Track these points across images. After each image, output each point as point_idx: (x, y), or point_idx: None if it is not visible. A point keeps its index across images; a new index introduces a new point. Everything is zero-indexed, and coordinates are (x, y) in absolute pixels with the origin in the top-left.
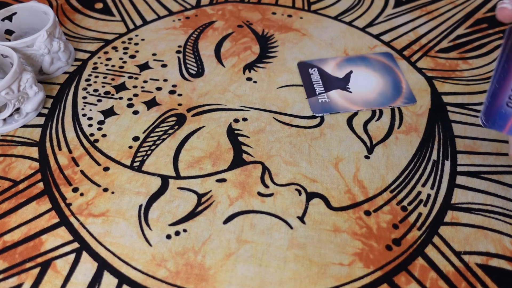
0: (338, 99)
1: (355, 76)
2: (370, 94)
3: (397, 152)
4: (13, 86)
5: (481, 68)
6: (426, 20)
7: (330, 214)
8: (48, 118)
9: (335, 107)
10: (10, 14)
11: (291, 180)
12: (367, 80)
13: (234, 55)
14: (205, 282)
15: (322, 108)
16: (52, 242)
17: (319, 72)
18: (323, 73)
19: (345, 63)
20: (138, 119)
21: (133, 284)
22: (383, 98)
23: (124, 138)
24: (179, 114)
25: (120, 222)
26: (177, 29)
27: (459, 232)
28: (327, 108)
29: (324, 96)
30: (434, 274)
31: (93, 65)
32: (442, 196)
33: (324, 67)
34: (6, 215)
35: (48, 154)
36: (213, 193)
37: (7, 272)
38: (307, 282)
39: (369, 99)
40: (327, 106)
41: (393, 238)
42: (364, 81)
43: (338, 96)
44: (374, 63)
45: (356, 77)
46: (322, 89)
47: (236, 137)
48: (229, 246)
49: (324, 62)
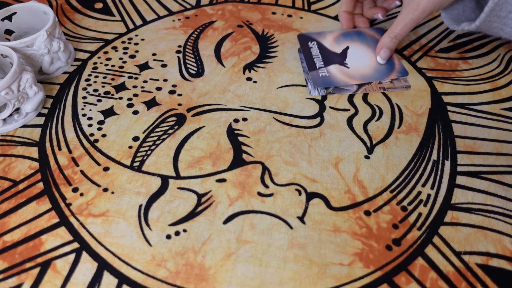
0: (337, 74)
1: (352, 51)
2: (366, 69)
3: (397, 152)
4: (13, 86)
5: (481, 68)
6: (426, 20)
7: (330, 214)
8: (48, 118)
9: (335, 81)
10: (10, 14)
11: (291, 180)
12: (363, 55)
13: (234, 55)
14: (205, 282)
15: (323, 82)
16: (52, 242)
17: (318, 46)
18: (322, 47)
19: (342, 38)
20: (138, 119)
21: (133, 284)
22: (378, 73)
23: (124, 138)
24: (179, 114)
25: (120, 222)
26: (177, 29)
27: (459, 232)
28: (327, 82)
29: (324, 71)
30: (434, 274)
31: (93, 65)
32: (442, 196)
33: (322, 41)
34: (6, 215)
35: (48, 154)
36: (213, 193)
37: (7, 272)
38: (307, 282)
39: (365, 74)
40: (328, 80)
41: (393, 238)
42: (360, 57)
43: (337, 71)
44: (368, 39)
45: (352, 53)
46: (322, 64)
47: (236, 137)
48: (229, 246)
49: (322, 36)
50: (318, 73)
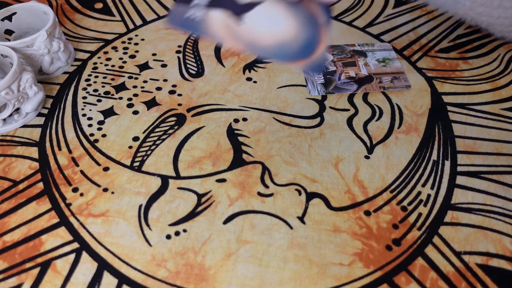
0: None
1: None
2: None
3: (397, 152)
4: (13, 86)
5: (481, 68)
6: (426, 20)
7: (330, 214)
8: (48, 118)
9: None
10: (10, 14)
11: (291, 180)
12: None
13: (234, 55)
14: (205, 282)
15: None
16: (52, 242)
17: None
18: None
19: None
20: (138, 119)
21: (133, 284)
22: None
23: (124, 138)
24: (179, 114)
25: (120, 222)
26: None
27: (459, 232)
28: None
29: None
30: (434, 274)
31: (93, 65)
32: (442, 196)
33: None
34: (6, 215)
35: (48, 154)
36: (213, 193)
37: (7, 272)
38: (307, 282)
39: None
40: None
41: (393, 238)
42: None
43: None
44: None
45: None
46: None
47: (236, 137)
48: (229, 246)
49: None
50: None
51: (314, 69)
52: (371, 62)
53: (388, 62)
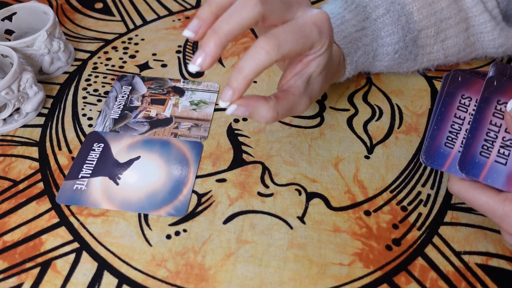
0: (97, 191)
1: (142, 163)
2: (137, 193)
3: (397, 152)
4: (13, 86)
5: (481, 68)
6: None
7: (330, 214)
8: (48, 118)
9: (86, 200)
10: (10, 14)
11: (291, 180)
12: (150, 172)
13: (234, 55)
14: (205, 282)
15: (69, 198)
16: (52, 242)
17: (102, 150)
18: (106, 152)
19: (140, 144)
20: None
21: (133, 284)
22: (148, 202)
23: None
24: None
25: (120, 222)
26: (177, 29)
27: (459, 232)
28: (75, 199)
29: (84, 182)
30: (434, 274)
31: (93, 65)
32: (442, 196)
33: (113, 144)
34: (6, 215)
35: (48, 154)
36: (213, 193)
37: (7, 272)
38: (307, 282)
39: (130, 200)
40: (78, 196)
41: (393, 238)
42: (145, 173)
43: (99, 187)
44: (173, 152)
45: (142, 165)
46: (89, 173)
47: (236, 137)
48: (229, 246)
49: (119, 138)
50: (74, 183)
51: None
52: (183, 103)
53: (201, 106)
